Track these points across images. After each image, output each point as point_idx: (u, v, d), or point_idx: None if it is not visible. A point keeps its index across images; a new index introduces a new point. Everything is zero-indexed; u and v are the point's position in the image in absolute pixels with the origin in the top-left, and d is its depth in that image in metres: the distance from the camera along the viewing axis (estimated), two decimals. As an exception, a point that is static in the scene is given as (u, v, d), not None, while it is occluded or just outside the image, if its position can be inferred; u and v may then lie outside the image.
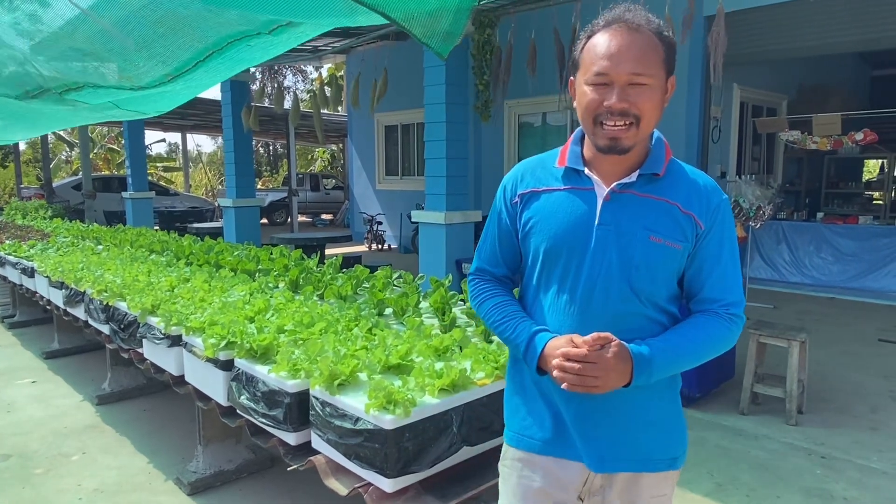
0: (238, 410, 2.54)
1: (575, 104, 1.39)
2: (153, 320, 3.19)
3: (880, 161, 13.03)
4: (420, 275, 3.79)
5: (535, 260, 1.42)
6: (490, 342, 2.58)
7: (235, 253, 4.74)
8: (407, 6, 1.85)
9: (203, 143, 61.32)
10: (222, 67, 3.03)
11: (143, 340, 3.31)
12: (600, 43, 1.29)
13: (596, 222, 1.35)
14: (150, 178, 14.00)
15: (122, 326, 3.60)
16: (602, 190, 1.36)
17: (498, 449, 2.19)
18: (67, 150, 25.24)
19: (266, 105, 15.37)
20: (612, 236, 1.33)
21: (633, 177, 1.35)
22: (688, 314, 1.43)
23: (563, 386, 1.28)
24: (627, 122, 1.28)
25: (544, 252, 1.39)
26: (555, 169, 1.44)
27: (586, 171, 1.38)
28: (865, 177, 14.52)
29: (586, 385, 1.26)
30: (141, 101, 3.96)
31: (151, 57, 2.80)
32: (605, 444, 1.39)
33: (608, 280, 1.33)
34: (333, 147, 27.44)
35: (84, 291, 4.14)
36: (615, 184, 1.35)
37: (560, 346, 1.30)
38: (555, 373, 1.29)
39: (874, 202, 11.52)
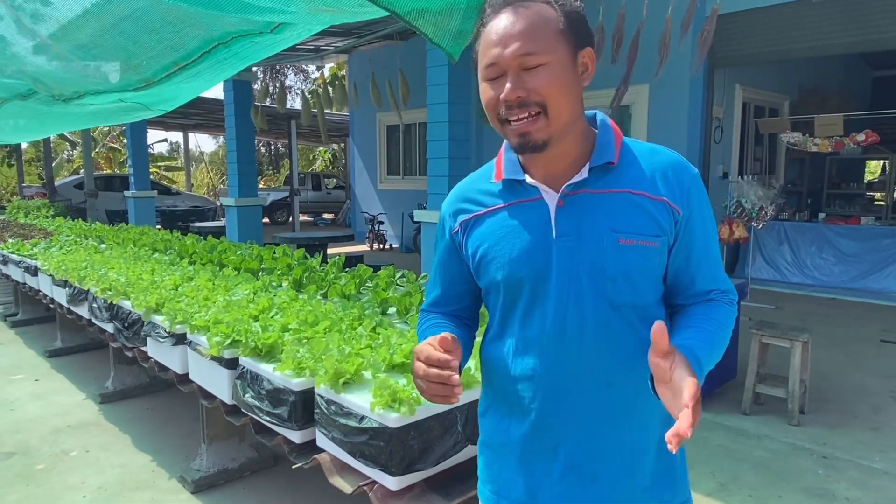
0: (242, 409, 2.55)
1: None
2: (157, 318, 3.20)
3: (882, 162, 13.02)
4: (423, 274, 3.80)
5: (495, 293, 1.23)
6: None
7: (239, 252, 4.76)
8: (416, 3, 1.85)
9: (205, 143, 61.38)
10: (226, 64, 3.04)
11: (147, 339, 3.32)
12: (489, 30, 1.12)
13: (553, 235, 1.15)
14: (151, 177, 14.01)
15: (126, 325, 3.61)
16: (552, 196, 1.16)
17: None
18: (69, 148, 25.26)
19: (268, 104, 15.38)
20: (575, 248, 1.13)
21: (584, 172, 1.15)
22: (673, 309, 1.25)
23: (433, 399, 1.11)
24: (533, 113, 1.08)
25: (503, 283, 1.19)
26: (492, 185, 1.24)
27: (528, 179, 1.19)
28: (867, 177, 14.52)
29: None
30: (146, 96, 3.97)
31: (161, 41, 2.81)
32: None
33: (580, 300, 1.13)
34: (335, 146, 27.46)
35: (88, 290, 4.15)
36: (564, 185, 1.15)
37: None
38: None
39: (876, 203, 11.53)
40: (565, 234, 1.14)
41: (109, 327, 3.88)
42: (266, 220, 19.03)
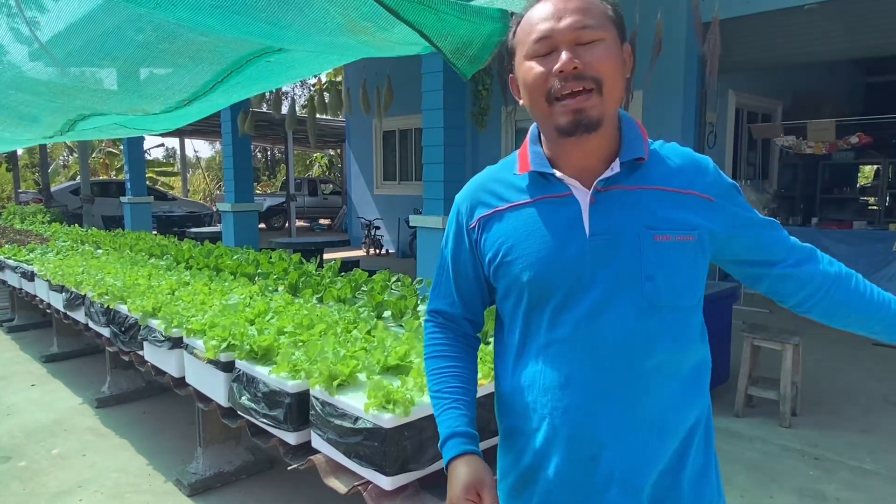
0: (239, 411, 2.57)
1: (521, 102, 1.14)
2: (154, 323, 3.23)
3: (875, 166, 13.11)
4: (418, 278, 3.83)
5: (516, 296, 1.15)
6: (487, 343, 2.62)
7: (235, 257, 4.78)
8: (442, 27, 1.90)
9: (201, 149, 61.29)
10: (239, 87, 3.05)
11: (144, 343, 3.34)
12: (534, 12, 1.08)
13: (586, 234, 1.09)
14: (148, 182, 14.01)
15: (122, 329, 3.63)
16: (583, 193, 1.10)
17: (494, 448, 2.23)
18: (66, 154, 25.25)
19: (264, 110, 15.42)
20: (610, 247, 1.08)
21: (616, 167, 1.10)
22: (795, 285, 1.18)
23: None
24: (587, 88, 1.03)
25: (529, 284, 1.12)
26: (516, 178, 1.17)
27: (557, 173, 1.12)
28: (860, 182, 14.60)
29: None
30: (150, 120, 4.00)
31: (168, 88, 2.84)
32: None
33: (618, 302, 1.08)
34: (331, 152, 27.51)
35: (85, 295, 4.17)
36: (597, 181, 1.10)
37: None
38: None
39: (869, 207, 11.59)
40: (600, 232, 1.08)
41: (106, 332, 3.90)
42: (262, 225, 19.04)
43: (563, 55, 1.03)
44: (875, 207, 11.08)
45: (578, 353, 1.10)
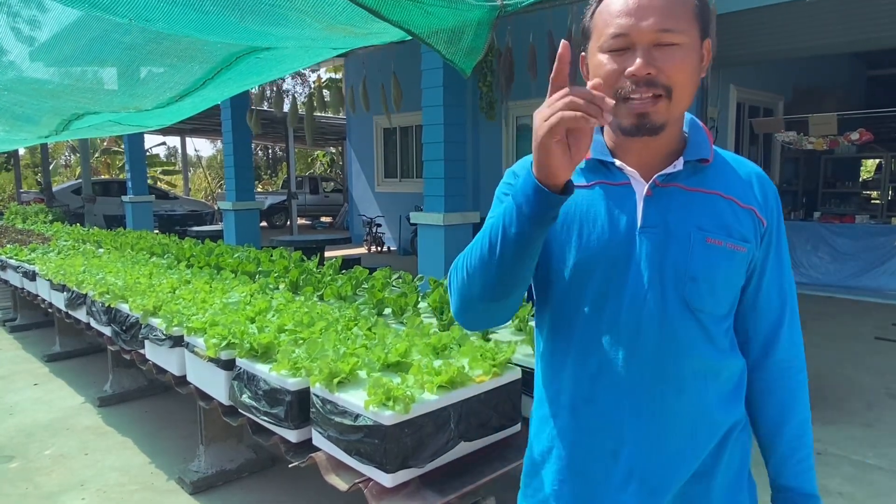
0: (240, 409, 2.57)
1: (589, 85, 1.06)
2: (155, 321, 3.23)
3: (877, 160, 13.07)
4: (419, 275, 3.83)
5: (558, 277, 1.12)
6: (488, 340, 2.62)
7: (236, 255, 4.78)
8: (429, 22, 1.89)
9: (202, 147, 61.37)
10: (231, 82, 3.06)
11: (146, 342, 3.35)
12: (616, 0, 1.03)
13: (639, 225, 1.07)
14: (149, 181, 14.04)
15: (124, 328, 3.63)
16: (640, 185, 1.09)
17: (495, 445, 2.23)
18: (67, 154, 25.29)
19: (265, 108, 15.41)
20: (660, 241, 1.06)
21: (679, 165, 1.08)
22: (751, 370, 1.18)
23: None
24: (656, 94, 1.00)
25: (574, 265, 1.09)
26: None
27: (617, 162, 1.10)
28: (862, 176, 14.56)
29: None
30: (144, 116, 4.01)
31: (159, 87, 2.85)
32: None
33: (660, 297, 1.06)
34: (332, 150, 27.50)
35: (86, 294, 4.18)
36: (657, 175, 1.08)
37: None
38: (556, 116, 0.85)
39: (871, 201, 11.56)
40: (652, 225, 1.06)
41: (107, 331, 3.90)
42: (264, 223, 19.06)
43: (638, 60, 0.99)
44: (877, 201, 11.05)
45: (614, 344, 1.07)
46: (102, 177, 22.74)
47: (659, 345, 1.06)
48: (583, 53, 1.12)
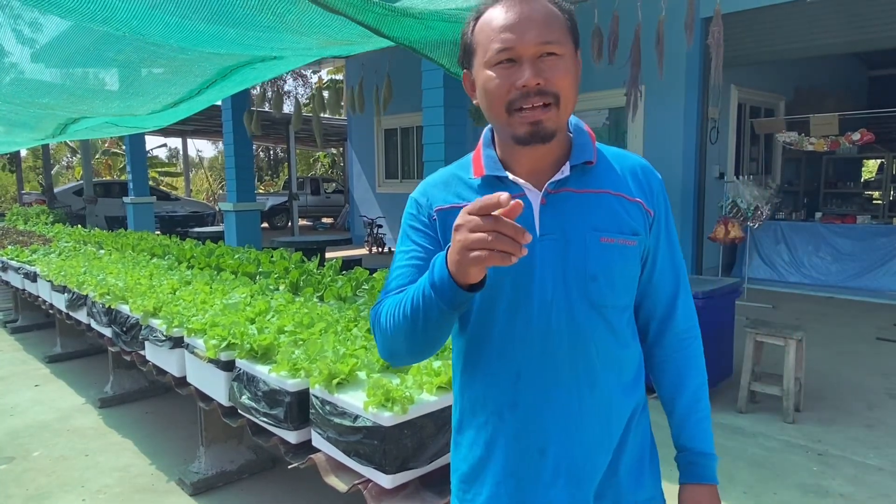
0: (239, 410, 2.57)
1: (475, 101, 1.15)
2: (155, 322, 3.23)
3: (879, 161, 13.06)
4: (419, 276, 3.82)
5: None
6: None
7: (236, 256, 4.78)
8: (431, 36, 1.89)
9: (204, 148, 61.46)
10: (227, 89, 3.06)
11: (146, 343, 3.35)
12: (496, 17, 1.08)
13: (537, 234, 1.12)
14: (150, 182, 14.05)
15: (124, 329, 3.63)
16: (535, 194, 1.14)
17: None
18: (69, 155, 25.32)
19: (266, 109, 15.43)
20: (559, 247, 1.12)
21: (566, 170, 1.14)
22: (650, 343, 1.29)
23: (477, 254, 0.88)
24: (546, 103, 1.06)
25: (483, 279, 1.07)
26: (471, 181, 1.19)
27: (510, 176, 1.15)
28: (864, 176, 14.55)
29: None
30: (140, 119, 4.02)
31: (154, 97, 2.85)
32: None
33: (566, 299, 1.12)
34: (333, 151, 27.52)
35: (87, 295, 4.18)
36: (548, 183, 1.14)
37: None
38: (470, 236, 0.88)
39: (873, 202, 11.55)
40: (549, 232, 1.12)
41: (108, 332, 3.90)
42: (265, 224, 19.07)
43: (527, 72, 1.05)
44: (879, 202, 11.04)
45: (529, 350, 1.14)
46: (104, 178, 22.77)
47: (571, 344, 1.13)
48: (466, 71, 1.17)
